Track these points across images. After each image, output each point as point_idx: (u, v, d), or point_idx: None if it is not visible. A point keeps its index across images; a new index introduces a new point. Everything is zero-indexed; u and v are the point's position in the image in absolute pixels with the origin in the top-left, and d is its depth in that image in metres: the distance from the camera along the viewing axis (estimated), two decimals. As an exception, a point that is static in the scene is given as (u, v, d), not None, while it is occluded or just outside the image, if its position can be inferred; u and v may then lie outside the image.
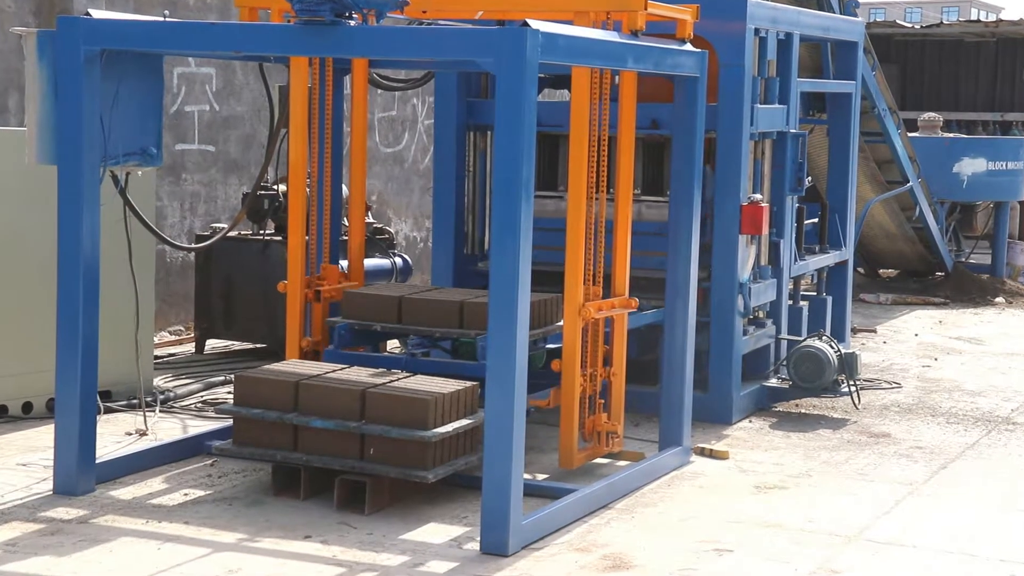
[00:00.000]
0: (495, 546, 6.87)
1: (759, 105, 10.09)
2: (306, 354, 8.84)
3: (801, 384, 10.28)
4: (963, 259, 18.04)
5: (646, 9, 7.94)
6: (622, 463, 8.52)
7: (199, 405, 9.93)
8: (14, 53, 11.40)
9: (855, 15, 13.82)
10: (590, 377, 8.18)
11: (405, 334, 8.76)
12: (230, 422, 8.22)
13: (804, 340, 10.53)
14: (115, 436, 8.96)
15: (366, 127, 9.28)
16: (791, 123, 10.59)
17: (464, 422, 7.66)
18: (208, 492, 7.83)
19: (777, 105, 10.39)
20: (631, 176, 8.41)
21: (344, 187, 9.72)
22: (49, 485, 7.73)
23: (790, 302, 11.04)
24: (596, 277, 8.14)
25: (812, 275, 12.00)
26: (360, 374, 8.00)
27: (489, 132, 10.54)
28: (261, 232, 11.60)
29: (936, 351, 13.44)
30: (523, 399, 6.92)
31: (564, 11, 8.07)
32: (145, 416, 9.22)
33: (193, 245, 9.85)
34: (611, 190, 8.48)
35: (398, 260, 11.76)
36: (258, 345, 11.81)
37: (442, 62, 9.20)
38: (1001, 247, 18.00)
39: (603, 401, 8.35)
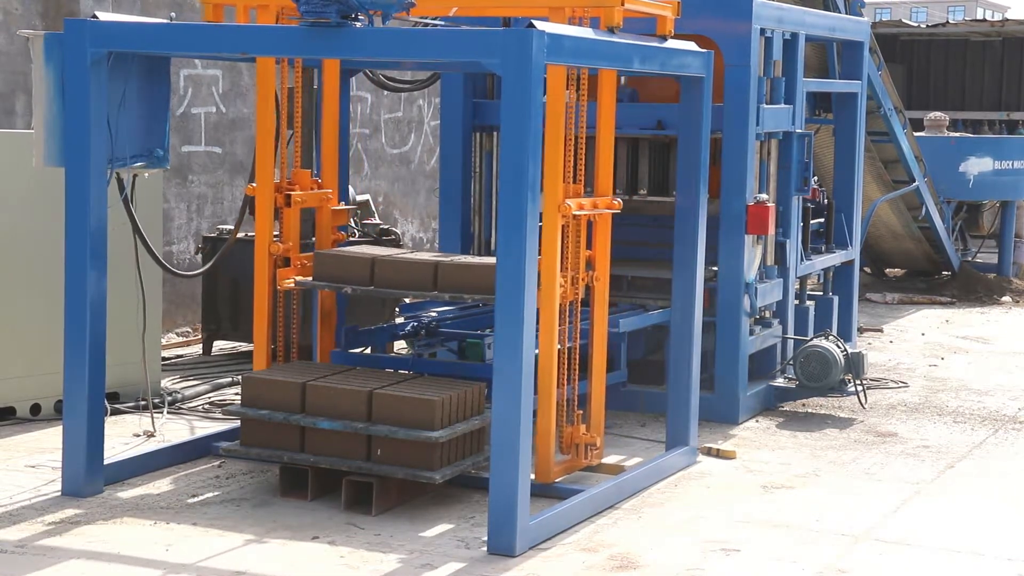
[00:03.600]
0: (502, 546, 6.88)
1: (765, 105, 10.08)
2: (276, 261, 8.54)
3: (808, 384, 10.28)
4: (969, 258, 18.03)
5: (623, 5, 7.61)
6: (601, 475, 8.25)
7: (206, 406, 9.95)
8: (21, 56, 11.42)
9: (861, 15, 13.82)
10: (571, 281, 7.79)
11: (377, 297, 8.55)
12: (237, 423, 8.24)
13: (810, 340, 10.53)
14: (123, 437, 8.97)
15: (337, 122, 8.99)
16: (797, 123, 10.58)
17: (471, 423, 7.67)
18: (216, 493, 7.84)
19: (783, 105, 10.39)
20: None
21: (351, 188, 9.72)
22: (57, 486, 7.75)
23: (796, 302, 11.04)
24: (576, 176, 7.77)
25: (818, 275, 12.00)
26: (366, 375, 8.02)
27: (495, 133, 10.55)
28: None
29: (943, 350, 13.44)
30: (530, 399, 6.93)
31: (539, 7, 7.92)
32: (152, 417, 9.25)
33: (189, 272, 9.70)
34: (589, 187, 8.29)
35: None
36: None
37: (448, 63, 9.21)
38: (1007, 246, 18.00)
39: (581, 412, 8.09)
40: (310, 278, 8.33)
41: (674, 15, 8.19)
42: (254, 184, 8.60)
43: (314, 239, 8.92)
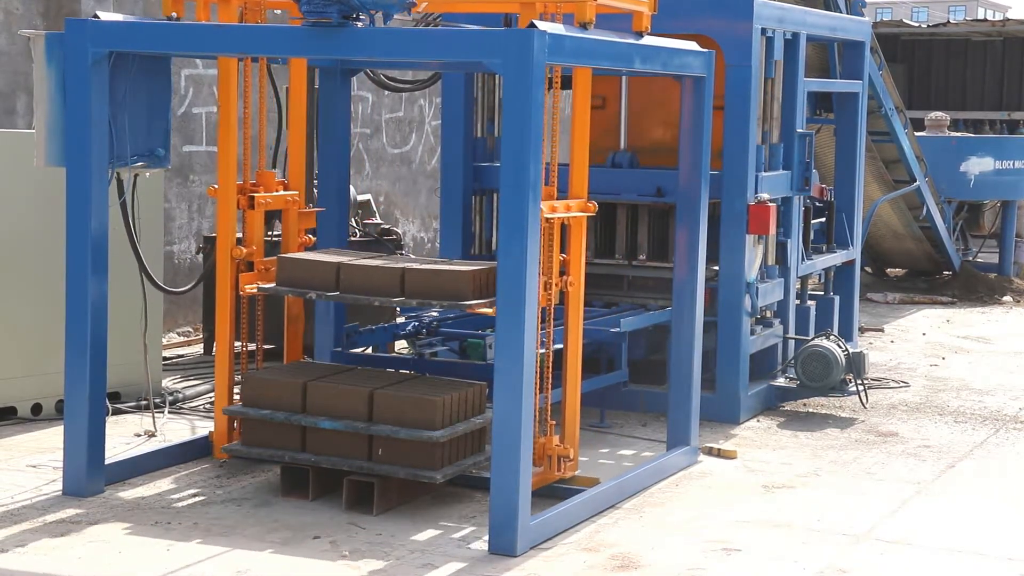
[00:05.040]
0: (503, 546, 6.88)
1: (764, 173, 10.06)
2: (239, 266, 8.25)
3: (809, 383, 10.28)
4: (970, 258, 18.03)
5: (595, 0, 7.34)
6: (578, 487, 7.89)
7: (207, 406, 9.94)
8: (22, 56, 11.42)
9: (862, 14, 13.83)
10: (544, 286, 7.38)
11: (343, 303, 8.22)
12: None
13: (812, 339, 10.53)
14: (124, 437, 8.98)
15: (304, 122, 8.82)
16: (798, 123, 10.57)
17: (472, 423, 7.67)
18: (217, 493, 7.84)
19: (781, 171, 10.37)
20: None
21: (352, 188, 9.71)
22: (58, 486, 7.75)
23: (797, 301, 11.04)
24: (550, 177, 7.51)
25: (819, 274, 12.00)
26: (368, 375, 8.02)
27: (495, 195, 10.46)
28: (269, 233, 11.60)
29: (943, 350, 13.44)
30: (531, 399, 6.93)
31: (510, 2, 7.81)
32: (154, 417, 9.25)
33: (178, 289, 9.54)
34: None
35: (405, 261, 11.78)
36: (266, 346, 11.81)
37: (450, 63, 9.20)
38: (1008, 246, 18.00)
39: (555, 423, 7.81)
40: (273, 283, 8.06)
41: (650, 11, 7.96)
42: (215, 186, 8.31)
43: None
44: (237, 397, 8.35)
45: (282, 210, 8.60)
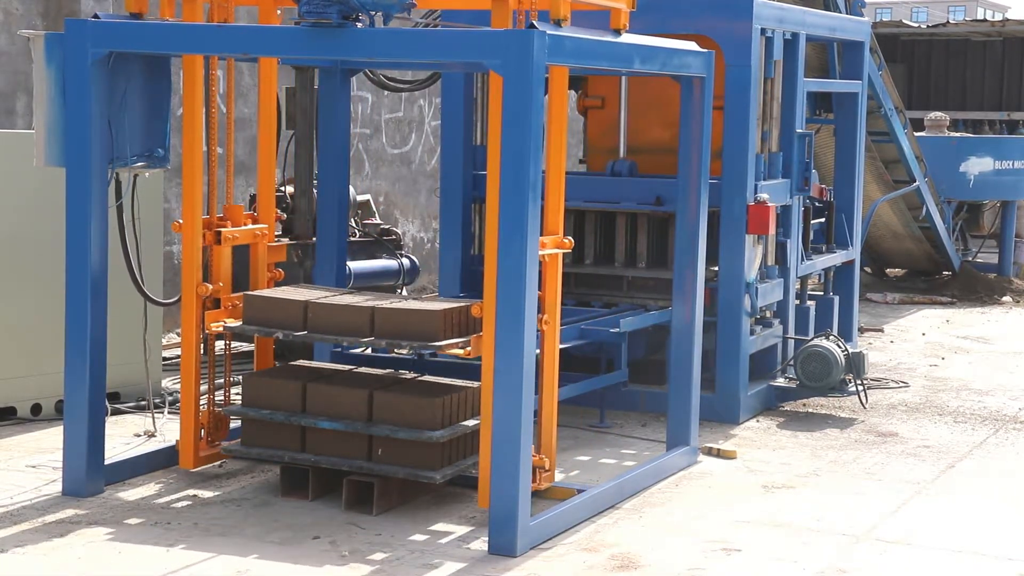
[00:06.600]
0: (503, 547, 6.88)
1: (762, 182, 10.05)
2: (205, 303, 8.03)
3: (808, 383, 10.28)
4: (970, 258, 18.04)
5: None
6: (554, 499, 7.71)
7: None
8: (22, 56, 11.42)
9: (861, 15, 13.82)
10: None
11: (311, 342, 8.07)
12: (238, 423, 8.24)
13: (811, 340, 10.53)
14: (124, 437, 8.98)
15: (273, 134, 8.80)
16: (798, 123, 10.57)
17: (472, 422, 7.67)
18: (216, 493, 7.84)
19: (780, 180, 10.37)
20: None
21: (352, 188, 9.71)
22: (58, 486, 7.75)
23: (797, 302, 11.04)
24: None
25: (819, 275, 12.01)
26: (368, 375, 8.02)
27: None
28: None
29: (943, 350, 13.44)
30: (531, 399, 6.93)
31: None
32: (154, 417, 9.25)
33: (167, 300, 9.40)
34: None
35: (405, 261, 11.79)
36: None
37: (449, 64, 9.21)
38: (1008, 246, 18.01)
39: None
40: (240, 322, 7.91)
41: (629, 7, 7.83)
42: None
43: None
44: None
45: (250, 244, 8.39)
